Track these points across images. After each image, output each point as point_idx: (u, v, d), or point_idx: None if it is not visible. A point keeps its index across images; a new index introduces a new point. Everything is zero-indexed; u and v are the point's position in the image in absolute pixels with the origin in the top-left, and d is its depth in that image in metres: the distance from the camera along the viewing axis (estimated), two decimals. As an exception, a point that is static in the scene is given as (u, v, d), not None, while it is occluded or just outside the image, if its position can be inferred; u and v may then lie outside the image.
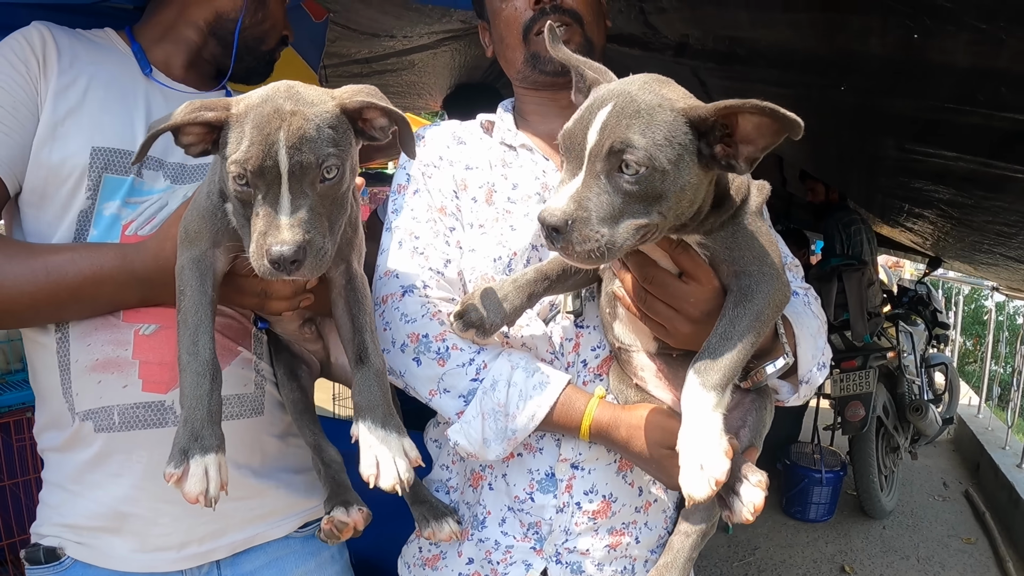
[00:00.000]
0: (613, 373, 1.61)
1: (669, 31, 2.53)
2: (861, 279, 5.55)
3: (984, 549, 5.79)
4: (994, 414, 8.64)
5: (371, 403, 1.35)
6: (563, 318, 1.61)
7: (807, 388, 1.57)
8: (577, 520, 1.61)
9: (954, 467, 7.81)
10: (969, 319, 13.83)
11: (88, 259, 1.46)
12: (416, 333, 1.56)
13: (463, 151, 1.76)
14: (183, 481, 1.18)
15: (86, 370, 1.54)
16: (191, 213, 1.35)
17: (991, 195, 2.36)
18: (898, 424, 6.19)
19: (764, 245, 1.35)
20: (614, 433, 1.49)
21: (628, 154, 1.12)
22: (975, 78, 1.63)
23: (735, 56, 2.36)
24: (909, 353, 6.26)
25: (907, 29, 1.58)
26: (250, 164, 1.13)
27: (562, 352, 1.62)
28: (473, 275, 1.64)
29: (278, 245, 1.12)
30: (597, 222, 1.14)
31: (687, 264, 1.35)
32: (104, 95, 1.60)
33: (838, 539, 5.85)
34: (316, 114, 1.17)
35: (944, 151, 2.18)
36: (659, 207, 1.17)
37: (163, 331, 1.54)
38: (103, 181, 1.55)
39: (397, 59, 4.53)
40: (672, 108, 1.16)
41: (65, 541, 1.59)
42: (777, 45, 2.16)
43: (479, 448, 1.52)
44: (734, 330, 1.29)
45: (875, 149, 2.61)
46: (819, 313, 1.65)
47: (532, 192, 1.67)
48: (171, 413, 1.54)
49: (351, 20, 3.68)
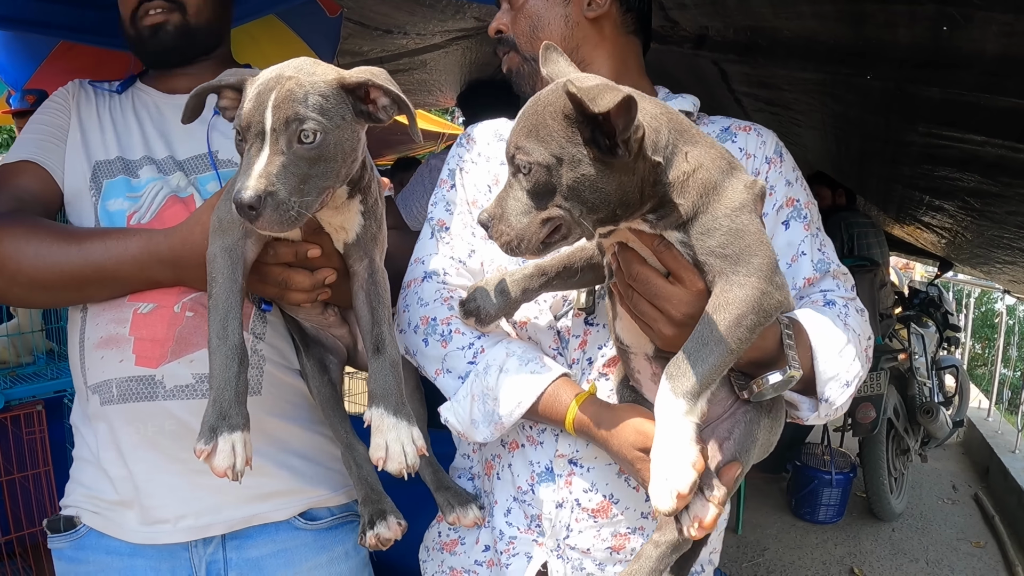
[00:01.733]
0: (617, 373, 1.59)
1: (689, 24, 2.52)
2: (873, 280, 5.53)
3: (993, 553, 5.76)
4: (1004, 418, 8.61)
5: (385, 391, 1.42)
6: (574, 315, 1.62)
7: (827, 407, 1.47)
8: (577, 516, 1.61)
9: (964, 470, 7.78)
10: (979, 322, 13.79)
11: (117, 243, 1.58)
12: (427, 316, 1.64)
13: (501, 147, 1.78)
14: (212, 456, 1.26)
15: (94, 346, 1.66)
16: (224, 204, 1.41)
17: (1017, 181, 2.34)
18: (908, 426, 6.17)
19: (749, 245, 1.26)
20: (595, 431, 1.47)
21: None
22: (1006, 66, 1.61)
23: (756, 47, 2.35)
24: (920, 355, 6.25)
25: (935, 18, 1.57)
26: (243, 119, 1.23)
27: (567, 348, 1.63)
28: (491, 266, 1.69)
29: (240, 190, 1.18)
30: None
31: (671, 263, 1.30)
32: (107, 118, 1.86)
33: (847, 541, 5.83)
34: (310, 81, 1.24)
35: (972, 135, 2.16)
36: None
37: (159, 310, 1.64)
38: (105, 184, 1.74)
39: (409, 59, 4.55)
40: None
41: (83, 511, 1.72)
42: (800, 34, 2.15)
43: (467, 428, 1.56)
44: (710, 335, 1.23)
45: (900, 135, 2.59)
46: (856, 327, 1.53)
47: None
48: (160, 387, 1.62)
49: (364, 16, 3.69)
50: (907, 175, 3.19)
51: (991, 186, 2.59)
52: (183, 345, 1.63)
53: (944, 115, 2.13)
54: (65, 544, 1.73)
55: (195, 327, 1.63)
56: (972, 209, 3.12)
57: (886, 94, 2.25)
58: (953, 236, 4.14)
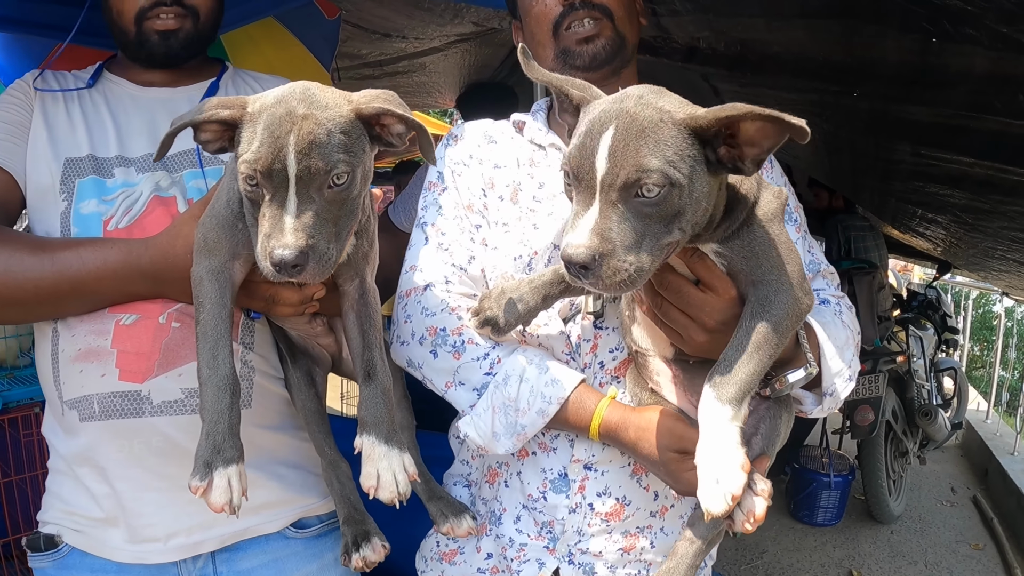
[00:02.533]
0: (630, 376, 1.60)
1: (680, 35, 2.52)
2: (872, 283, 5.53)
3: (992, 555, 5.77)
4: (1003, 420, 8.61)
5: (376, 419, 1.40)
6: (583, 319, 1.61)
7: (831, 401, 1.55)
8: (590, 521, 1.61)
9: (962, 472, 7.78)
10: (977, 324, 13.78)
11: (93, 255, 1.51)
12: (434, 326, 1.58)
13: (493, 150, 1.76)
14: (208, 493, 1.24)
15: (70, 360, 1.58)
16: (210, 221, 1.36)
17: (1008, 199, 2.34)
18: (907, 428, 6.17)
19: (782, 254, 1.33)
20: (623, 434, 1.49)
21: (645, 178, 1.10)
22: (994, 84, 1.61)
23: (745, 61, 2.35)
24: (918, 357, 6.25)
25: (925, 33, 1.57)
26: (259, 165, 1.15)
27: (579, 352, 1.62)
28: (494, 272, 1.65)
29: (280, 248, 1.14)
30: (623, 251, 1.12)
31: (703, 273, 1.33)
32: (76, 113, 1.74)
33: (846, 543, 5.83)
34: (328, 118, 1.18)
35: (961, 156, 2.16)
36: (679, 223, 1.16)
37: (142, 321, 1.57)
38: (77, 185, 1.64)
39: (408, 62, 4.55)
40: (673, 121, 1.14)
41: (64, 529, 1.65)
42: (790, 50, 2.15)
43: (488, 441, 1.54)
44: (751, 342, 1.27)
45: (889, 154, 2.59)
46: (850, 323, 1.63)
47: (558, 191, 1.66)
48: (147, 403, 1.56)
49: (363, 19, 3.69)
50: (899, 190, 3.19)
51: (982, 203, 2.59)
52: (171, 358, 1.57)
53: (932, 136, 2.13)
54: (47, 564, 1.67)
55: (182, 339, 1.58)
56: (965, 223, 3.11)
57: (874, 114, 2.25)
58: (948, 245, 4.15)
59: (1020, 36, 1.33)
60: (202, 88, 1.83)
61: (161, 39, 1.73)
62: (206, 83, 1.85)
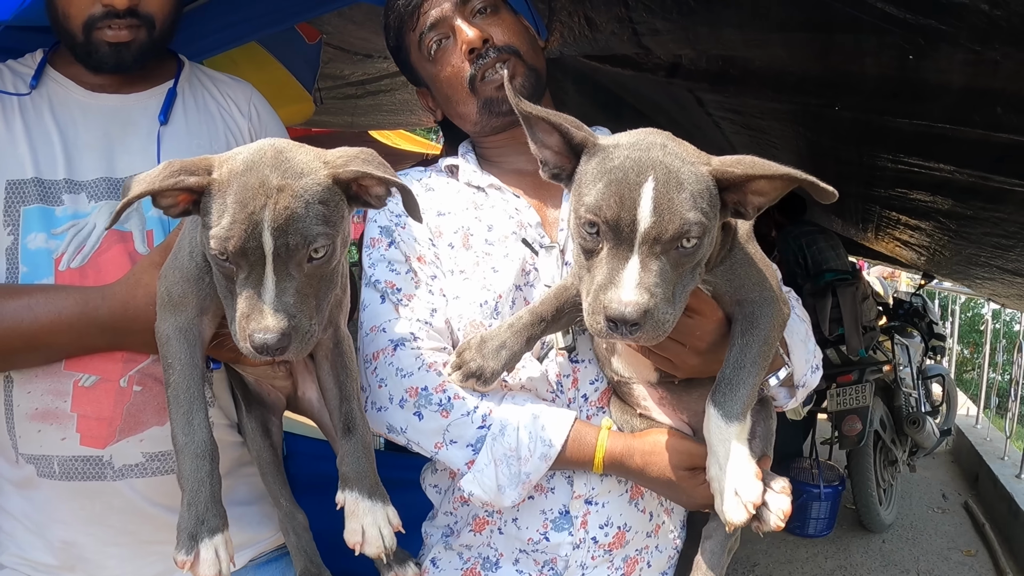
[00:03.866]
0: (614, 405, 1.61)
1: (662, 52, 2.53)
2: (855, 293, 5.55)
3: (984, 561, 5.78)
4: (992, 423, 8.64)
5: (358, 474, 1.38)
6: (557, 355, 1.60)
7: (803, 392, 1.61)
8: (594, 554, 1.60)
9: (953, 479, 7.80)
10: (966, 327, 13.86)
11: (46, 305, 1.41)
12: (415, 387, 1.53)
13: (432, 198, 1.72)
14: (196, 566, 1.21)
15: (27, 417, 1.50)
16: (173, 274, 1.30)
17: (991, 206, 2.37)
18: (896, 437, 6.18)
19: (761, 269, 1.39)
20: (628, 462, 1.50)
21: (691, 232, 1.14)
22: (971, 98, 1.63)
23: (728, 76, 2.36)
24: (905, 366, 6.27)
25: (901, 50, 1.58)
26: (231, 244, 1.08)
27: (562, 389, 1.60)
28: (461, 322, 1.61)
29: (261, 333, 1.10)
30: (665, 304, 1.16)
31: (692, 301, 1.35)
32: (17, 125, 1.54)
33: (838, 554, 5.83)
34: (305, 188, 1.11)
35: (943, 164, 2.18)
36: (700, 268, 1.23)
37: (103, 383, 1.49)
38: (22, 214, 1.49)
39: (391, 80, 4.54)
40: (708, 172, 1.19)
41: (19, 573, 1.58)
42: (771, 65, 2.16)
43: (494, 496, 1.50)
44: (745, 358, 1.34)
45: (872, 161, 2.62)
46: (803, 315, 1.68)
47: (508, 232, 1.65)
48: (108, 468, 1.51)
49: (344, 41, 3.68)
50: (883, 197, 3.22)
51: (965, 209, 2.62)
52: (132, 424, 1.51)
53: (914, 146, 2.16)
54: None
55: (144, 403, 1.51)
56: (948, 230, 3.14)
57: (856, 124, 2.27)
58: (932, 254, 4.17)
59: (994, 54, 1.35)
60: (159, 94, 1.67)
61: (112, 51, 1.55)
62: (163, 88, 1.68)
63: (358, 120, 5.89)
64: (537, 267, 1.63)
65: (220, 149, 1.61)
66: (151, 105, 1.66)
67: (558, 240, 1.65)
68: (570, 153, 1.30)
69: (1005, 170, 1.96)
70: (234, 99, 1.77)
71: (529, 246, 1.62)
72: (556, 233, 1.67)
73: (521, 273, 1.60)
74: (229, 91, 1.78)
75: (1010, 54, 1.32)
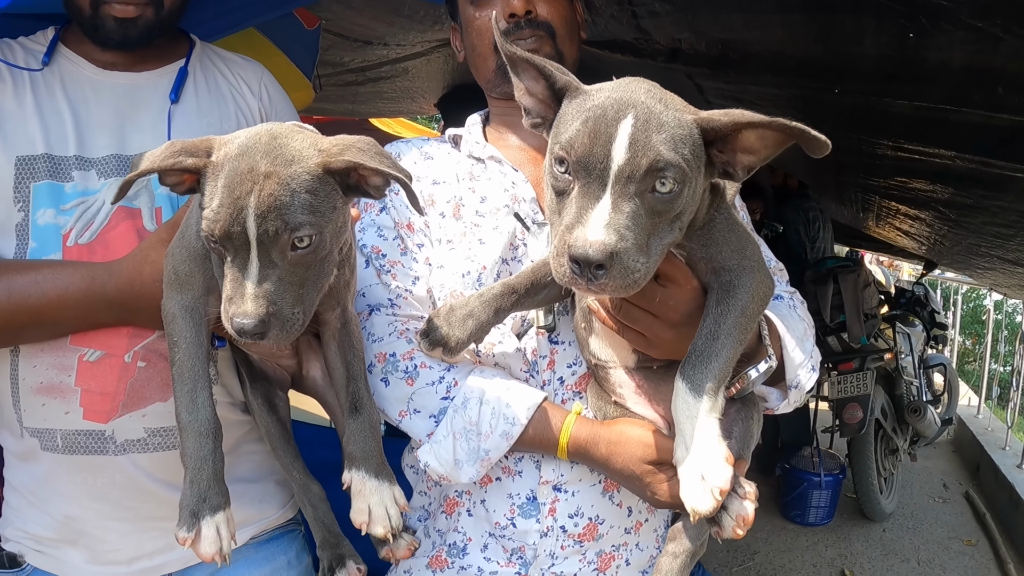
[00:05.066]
0: (591, 390, 1.56)
1: (661, 36, 2.52)
2: (857, 280, 5.53)
3: (985, 551, 5.77)
4: (994, 414, 8.63)
5: (365, 453, 1.38)
6: (536, 334, 1.56)
7: (796, 393, 1.52)
8: (563, 544, 1.56)
9: (954, 468, 7.79)
10: (968, 318, 13.84)
11: (53, 280, 1.42)
12: (383, 352, 1.53)
13: (430, 166, 1.72)
14: (197, 543, 1.22)
15: (31, 391, 1.51)
16: (180, 252, 1.30)
17: (991, 194, 2.35)
18: (897, 426, 6.17)
19: (741, 237, 1.31)
20: (593, 450, 1.45)
21: (666, 172, 1.06)
22: (972, 78, 1.62)
23: (728, 60, 2.35)
24: (907, 354, 6.25)
25: (902, 28, 1.57)
26: (217, 228, 1.09)
27: (537, 369, 1.57)
28: (443, 292, 1.59)
29: (240, 317, 1.11)
30: (636, 251, 1.07)
31: (664, 267, 1.26)
32: (28, 100, 1.55)
33: (838, 543, 5.82)
34: (293, 176, 1.11)
35: (943, 150, 2.17)
36: (680, 222, 1.13)
37: (107, 359, 1.50)
38: (32, 190, 1.50)
39: (391, 67, 4.53)
40: (690, 121, 1.11)
41: (25, 548, 1.61)
42: (771, 48, 2.15)
43: (450, 470, 1.48)
44: (720, 329, 1.24)
45: (872, 149, 2.60)
46: (805, 316, 1.63)
47: (501, 204, 1.63)
48: (111, 442, 1.51)
49: (344, 28, 3.67)
50: (882, 186, 3.21)
51: (965, 198, 2.60)
52: (135, 399, 1.51)
53: (913, 130, 2.14)
54: None
55: (148, 379, 1.51)
56: (948, 219, 3.13)
57: (856, 110, 2.26)
58: (932, 244, 4.17)
59: (996, 30, 1.33)
60: (170, 72, 1.68)
61: (118, 26, 1.55)
62: (174, 67, 1.69)
63: (358, 108, 5.87)
64: (526, 243, 1.60)
65: (231, 128, 1.63)
66: (162, 84, 1.66)
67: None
68: (554, 101, 1.25)
69: (1006, 155, 1.94)
70: (245, 79, 1.77)
71: (521, 221, 1.60)
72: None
73: (509, 247, 1.58)
74: (240, 71, 1.78)
75: (1011, 30, 1.31)
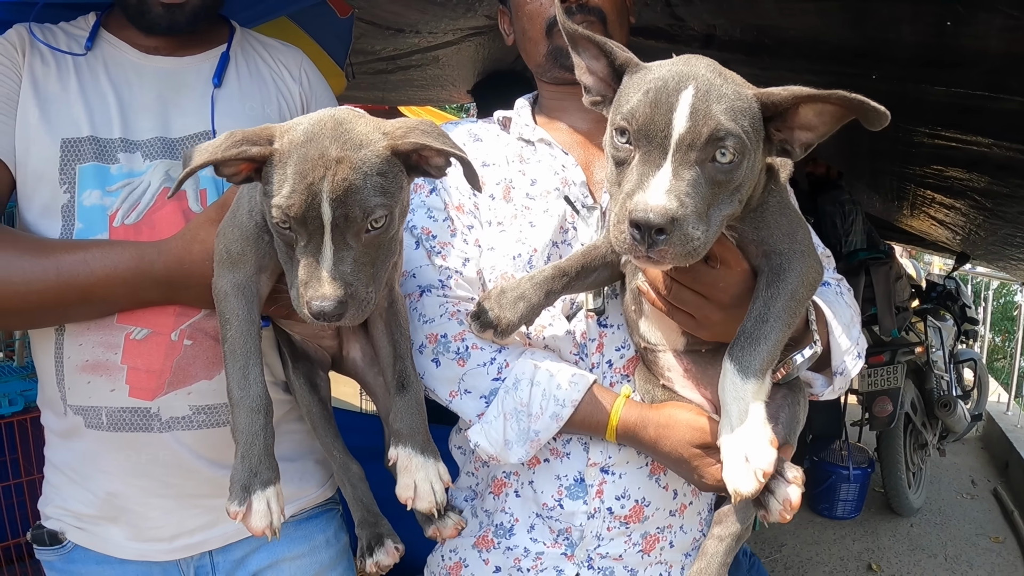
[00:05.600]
0: (639, 374, 1.56)
1: (696, 22, 2.51)
2: (889, 273, 5.47)
3: (1012, 548, 5.73)
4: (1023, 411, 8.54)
5: (411, 429, 1.40)
6: (585, 317, 1.57)
7: (842, 380, 1.53)
8: (609, 525, 1.57)
9: (982, 465, 7.73)
10: (998, 315, 13.66)
11: (101, 259, 1.42)
12: (435, 333, 1.53)
13: (479, 147, 1.71)
14: (248, 517, 1.24)
15: (77, 369, 1.52)
16: (232, 232, 1.32)
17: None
18: (926, 420, 6.13)
19: (793, 221, 1.31)
20: (642, 433, 1.46)
21: (726, 141, 1.08)
22: (1010, 64, 1.61)
23: (763, 46, 2.34)
24: (937, 348, 6.20)
25: (939, 15, 1.56)
26: (292, 211, 1.10)
27: (586, 352, 1.57)
28: (493, 274, 1.59)
29: (319, 300, 1.11)
30: (695, 219, 1.08)
31: (715, 248, 1.26)
32: (72, 84, 1.56)
33: (865, 537, 5.80)
34: (364, 160, 1.12)
35: (980, 137, 2.15)
36: (739, 194, 1.14)
37: (154, 337, 1.51)
38: (78, 172, 1.51)
39: (422, 55, 4.55)
40: (750, 95, 1.13)
41: (66, 525, 1.63)
42: (806, 34, 2.14)
43: (500, 450, 1.48)
44: (769, 312, 1.25)
45: (909, 137, 2.58)
46: (852, 303, 1.62)
47: (551, 187, 1.62)
48: (156, 420, 1.52)
49: (376, 16, 3.69)
50: (918, 174, 3.18)
51: (1001, 187, 2.57)
52: (181, 377, 1.53)
53: (950, 117, 2.12)
54: (54, 558, 1.66)
55: (194, 357, 1.53)
56: (984, 208, 3.10)
57: (892, 96, 2.23)
58: (967, 234, 4.13)
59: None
60: (212, 57, 1.69)
61: (166, 12, 1.56)
62: (216, 52, 1.70)
63: (388, 95, 5.90)
64: (576, 227, 1.60)
65: (272, 113, 1.67)
66: (204, 68, 1.67)
67: (601, 202, 1.61)
68: (614, 79, 1.26)
69: (1045, 143, 1.93)
70: (286, 64, 1.78)
71: (571, 204, 1.59)
72: (600, 195, 1.63)
73: (559, 230, 1.58)
74: (281, 56, 1.79)
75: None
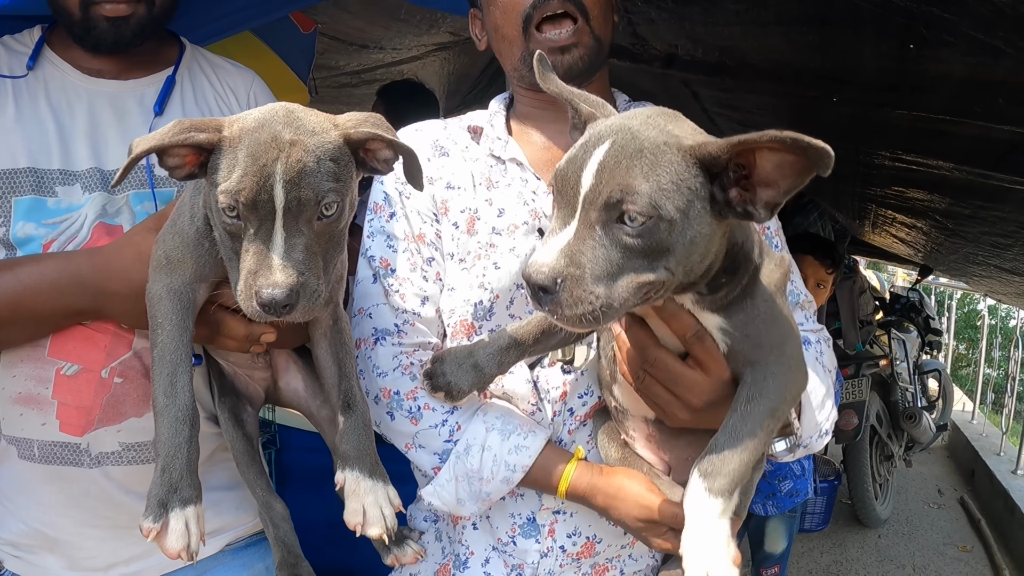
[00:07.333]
0: (604, 428, 1.53)
1: (658, 42, 2.51)
2: (853, 287, 5.52)
3: (980, 557, 5.78)
4: (988, 419, 8.65)
5: (359, 451, 1.35)
6: (550, 364, 1.53)
7: (803, 451, 1.50)
8: (562, 563, 1.56)
9: (949, 474, 7.81)
10: (962, 323, 13.87)
11: (30, 269, 1.37)
12: (388, 388, 1.50)
13: (445, 165, 1.60)
14: (163, 537, 1.16)
15: (10, 400, 1.48)
16: (172, 239, 1.27)
17: (989, 205, 2.34)
18: (892, 432, 6.18)
19: (784, 331, 1.24)
20: (591, 500, 1.44)
21: (629, 203, 0.99)
22: (972, 89, 1.61)
23: (724, 67, 2.34)
24: (902, 360, 6.26)
25: (902, 39, 1.56)
26: (243, 196, 1.06)
27: (546, 401, 1.53)
28: (452, 318, 1.54)
29: (269, 288, 1.06)
30: (592, 281, 1.01)
31: (701, 355, 1.22)
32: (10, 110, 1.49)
33: (833, 549, 5.83)
34: (317, 145, 1.10)
35: (941, 161, 2.15)
36: (665, 262, 1.04)
37: (84, 373, 1.46)
38: (13, 205, 1.45)
39: (386, 70, 4.52)
40: (679, 146, 1.02)
41: (3, 554, 1.58)
42: (768, 56, 2.13)
43: (453, 507, 1.49)
44: (744, 428, 1.16)
45: (870, 159, 2.59)
46: (829, 365, 1.57)
47: (520, 221, 1.53)
48: (86, 455, 1.48)
49: (339, 31, 3.66)
50: (880, 195, 3.20)
51: (962, 208, 2.59)
52: (111, 414, 1.48)
53: (912, 141, 2.13)
54: None
55: (124, 395, 1.48)
56: (946, 228, 3.12)
57: (854, 119, 2.24)
58: (929, 252, 4.16)
59: (997, 42, 1.32)
60: (156, 81, 1.62)
61: (111, 27, 1.49)
62: (162, 75, 1.63)
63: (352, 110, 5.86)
64: None
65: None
66: (148, 93, 1.60)
67: None
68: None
69: (1006, 167, 1.92)
70: (233, 88, 1.73)
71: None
72: None
73: None
74: (229, 79, 1.74)
75: (1013, 42, 1.30)
